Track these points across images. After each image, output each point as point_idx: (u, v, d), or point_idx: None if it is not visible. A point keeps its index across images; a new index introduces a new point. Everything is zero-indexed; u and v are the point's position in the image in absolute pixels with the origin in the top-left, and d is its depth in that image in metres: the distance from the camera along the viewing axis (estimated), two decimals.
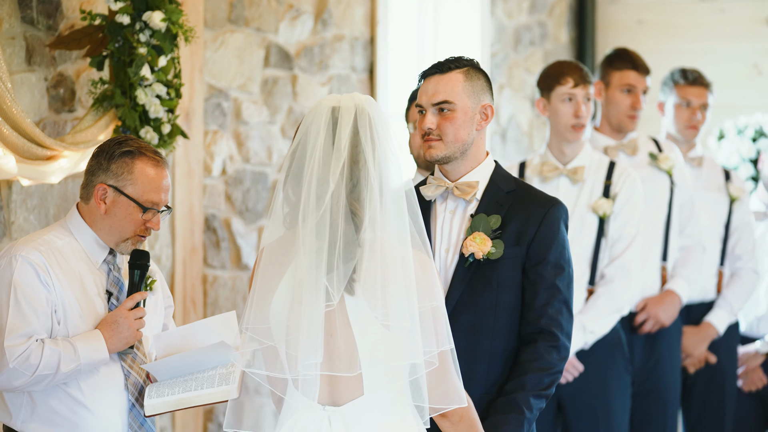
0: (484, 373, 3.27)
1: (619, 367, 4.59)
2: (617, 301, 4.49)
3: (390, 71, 6.07)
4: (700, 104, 5.18)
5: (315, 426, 2.82)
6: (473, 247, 3.27)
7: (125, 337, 3.25)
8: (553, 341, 3.26)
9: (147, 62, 4.02)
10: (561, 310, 3.28)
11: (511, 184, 3.36)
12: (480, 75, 3.37)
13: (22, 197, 3.96)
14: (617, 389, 4.59)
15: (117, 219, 3.29)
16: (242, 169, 5.24)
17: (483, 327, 3.27)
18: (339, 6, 5.76)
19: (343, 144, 2.80)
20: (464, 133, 3.31)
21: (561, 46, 7.64)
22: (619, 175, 4.56)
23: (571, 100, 4.53)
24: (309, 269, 2.78)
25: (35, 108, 4.01)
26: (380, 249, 2.79)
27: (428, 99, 3.33)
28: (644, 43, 7.36)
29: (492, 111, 3.36)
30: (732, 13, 7.31)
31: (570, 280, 3.33)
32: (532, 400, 3.22)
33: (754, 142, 5.92)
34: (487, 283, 3.28)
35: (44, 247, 3.24)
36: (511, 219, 3.30)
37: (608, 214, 4.51)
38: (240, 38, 5.17)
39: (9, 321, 3.14)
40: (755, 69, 7.08)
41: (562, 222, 3.33)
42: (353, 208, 2.79)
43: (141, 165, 3.28)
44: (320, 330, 2.77)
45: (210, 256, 5.08)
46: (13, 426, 3.26)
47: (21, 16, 3.92)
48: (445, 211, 3.37)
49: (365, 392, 2.81)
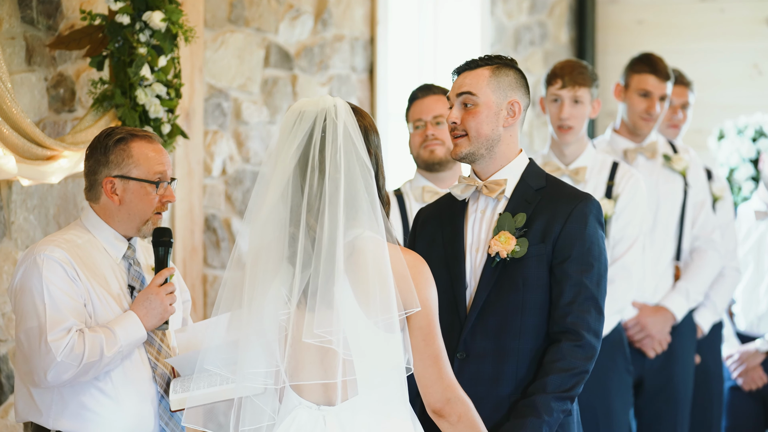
0: (513, 373, 3.21)
1: (620, 367, 4.59)
2: (618, 302, 4.49)
3: (390, 71, 6.07)
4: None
5: (310, 426, 2.82)
6: (498, 247, 3.22)
7: (159, 313, 3.31)
8: (577, 340, 3.19)
9: (147, 62, 4.02)
10: (588, 309, 3.21)
11: (541, 181, 3.31)
12: (510, 71, 3.32)
13: (22, 197, 3.96)
14: (618, 390, 4.58)
15: (133, 205, 3.34)
16: (242, 169, 5.24)
17: (510, 327, 3.22)
18: (339, 6, 5.76)
19: (291, 152, 2.80)
20: (487, 128, 3.27)
21: (561, 46, 7.64)
22: (621, 175, 4.55)
23: (557, 101, 4.53)
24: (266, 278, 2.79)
25: (35, 108, 4.01)
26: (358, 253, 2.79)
27: (454, 90, 3.31)
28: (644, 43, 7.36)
29: (520, 107, 3.30)
30: (732, 13, 7.31)
31: (600, 277, 3.24)
32: (553, 403, 3.14)
33: (754, 142, 5.92)
34: (513, 282, 3.23)
35: (66, 245, 3.29)
36: (539, 216, 3.25)
37: (610, 215, 4.51)
38: (240, 38, 5.17)
39: (48, 317, 3.18)
40: (755, 69, 7.08)
41: (592, 217, 3.25)
42: (303, 217, 2.79)
43: (137, 146, 3.34)
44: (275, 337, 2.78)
45: (210, 256, 5.08)
46: (44, 424, 3.29)
47: (21, 16, 3.92)
48: (476, 211, 3.33)
49: (360, 392, 2.82)
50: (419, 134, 4.32)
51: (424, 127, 4.31)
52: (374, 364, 2.81)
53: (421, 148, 4.33)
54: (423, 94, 4.35)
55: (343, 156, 2.80)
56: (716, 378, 5.24)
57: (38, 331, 3.18)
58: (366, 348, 2.80)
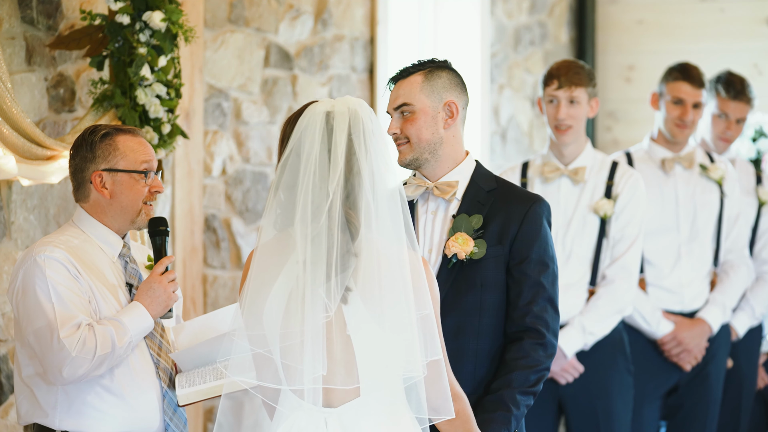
0: (471, 373, 3.25)
1: (620, 368, 4.59)
2: (618, 302, 4.49)
3: (390, 71, 6.07)
4: (737, 118, 5.22)
5: (312, 428, 2.81)
6: (456, 248, 3.25)
7: (163, 301, 3.33)
8: (539, 339, 3.25)
9: (147, 62, 4.02)
10: (546, 308, 3.27)
11: (491, 183, 3.34)
12: (443, 73, 3.32)
13: (22, 197, 3.96)
14: (619, 390, 4.58)
15: (123, 197, 3.36)
16: (242, 169, 5.24)
17: (468, 328, 3.26)
18: (339, 6, 5.76)
19: (339, 152, 2.78)
20: (427, 132, 3.30)
21: (561, 46, 7.64)
22: (621, 175, 4.56)
23: (553, 102, 4.53)
24: (306, 279, 2.76)
25: (35, 108, 4.01)
26: (377, 255, 2.78)
27: (391, 104, 3.36)
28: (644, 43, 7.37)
29: (458, 107, 3.31)
30: (732, 13, 7.31)
31: (555, 277, 3.31)
32: (519, 397, 3.21)
33: (754, 142, 5.92)
34: (471, 283, 3.26)
35: (64, 245, 3.30)
36: (493, 218, 3.28)
37: (609, 214, 4.51)
38: (240, 38, 5.17)
39: (57, 315, 3.20)
40: (755, 69, 7.08)
41: (545, 218, 3.30)
42: (349, 216, 2.77)
43: (122, 139, 3.36)
44: (322, 341, 2.76)
45: (210, 256, 5.08)
46: (49, 425, 3.30)
47: (21, 16, 3.92)
48: (426, 212, 3.36)
49: (362, 394, 2.81)
50: None
51: None
52: (379, 365, 2.80)
53: None
54: None
55: (380, 157, 2.81)
56: (748, 382, 5.26)
57: (49, 330, 3.19)
58: (372, 349, 2.79)
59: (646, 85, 5.37)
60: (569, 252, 4.51)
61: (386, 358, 2.79)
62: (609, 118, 7.46)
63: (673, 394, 4.99)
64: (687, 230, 4.91)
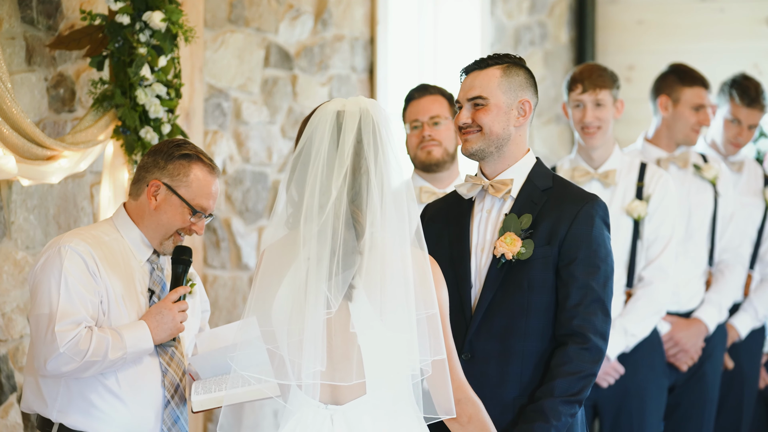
0: (518, 375, 3.19)
1: (657, 369, 4.57)
2: (657, 303, 4.49)
3: (390, 71, 6.07)
4: (749, 125, 5.23)
5: (317, 425, 2.82)
6: (503, 248, 3.21)
7: (169, 328, 3.33)
8: (584, 343, 3.16)
9: (147, 62, 4.02)
10: (595, 311, 3.18)
11: (548, 182, 3.29)
12: (520, 71, 3.30)
13: (22, 197, 3.97)
14: (654, 392, 4.57)
15: (165, 216, 3.38)
16: (242, 169, 5.24)
17: (515, 329, 3.20)
18: (339, 6, 5.76)
19: (346, 151, 2.79)
20: (499, 126, 3.26)
21: (561, 46, 7.64)
22: (651, 176, 4.55)
23: (579, 106, 4.54)
24: (309, 276, 2.77)
25: (35, 108, 4.01)
26: (381, 254, 2.78)
27: (464, 94, 3.29)
28: (644, 43, 7.37)
29: (530, 107, 3.30)
30: (732, 13, 7.31)
31: (607, 279, 3.22)
32: (561, 407, 3.12)
33: (754, 143, 5.92)
34: (518, 284, 3.21)
35: (92, 240, 3.32)
36: (545, 218, 3.23)
37: (643, 216, 4.51)
38: (240, 38, 5.17)
39: (60, 307, 3.21)
40: (755, 69, 7.08)
41: (598, 218, 3.23)
42: (355, 215, 2.78)
43: (197, 169, 3.38)
44: (322, 337, 2.77)
45: (210, 256, 5.08)
46: (48, 416, 3.32)
47: (21, 16, 3.92)
48: (482, 210, 3.32)
49: (367, 391, 2.81)
50: (416, 135, 4.31)
51: (420, 128, 4.30)
52: (384, 363, 2.80)
53: (418, 149, 4.32)
54: (419, 94, 4.33)
55: (389, 156, 2.81)
56: (750, 383, 5.26)
57: (47, 319, 3.21)
58: (376, 347, 2.80)
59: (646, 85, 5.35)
60: None
61: (391, 355, 2.80)
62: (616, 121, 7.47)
63: (670, 393, 4.99)
64: (682, 231, 4.91)
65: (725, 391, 5.18)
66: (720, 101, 5.27)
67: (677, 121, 4.94)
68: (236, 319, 5.06)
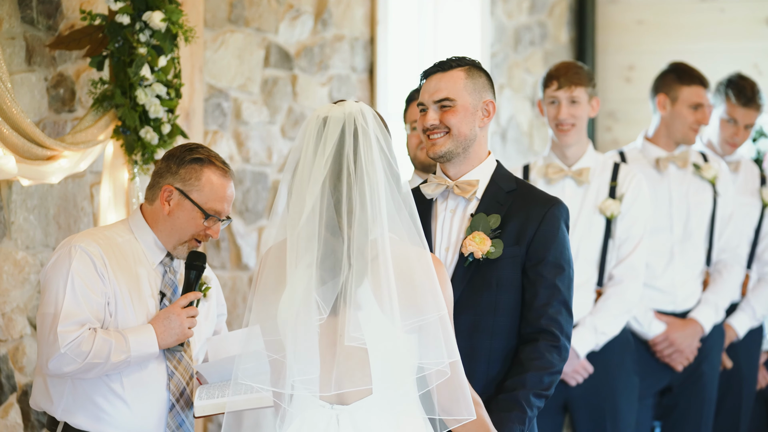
0: (484, 372, 3.26)
1: (627, 368, 4.59)
2: (627, 302, 4.49)
3: (390, 71, 6.07)
4: (745, 124, 5.23)
5: (323, 424, 2.83)
6: (472, 247, 3.26)
7: (176, 334, 3.33)
8: (554, 341, 3.25)
9: (147, 62, 4.02)
10: (561, 311, 3.28)
11: (512, 184, 3.35)
12: (482, 73, 3.37)
13: (22, 197, 3.97)
14: (625, 390, 4.58)
15: (179, 221, 3.37)
16: (242, 169, 5.24)
17: (482, 327, 3.26)
18: (339, 6, 5.76)
19: (325, 158, 2.79)
20: (466, 127, 3.30)
21: (561, 46, 7.64)
22: (624, 175, 4.56)
23: (554, 103, 4.53)
24: (300, 282, 2.78)
25: (35, 108, 4.01)
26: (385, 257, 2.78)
27: (430, 96, 3.32)
28: (644, 43, 7.37)
29: (494, 107, 3.36)
30: (732, 13, 7.31)
31: (570, 280, 3.32)
32: (533, 399, 3.21)
33: (754, 143, 5.92)
34: (487, 282, 3.27)
35: (104, 241, 3.33)
36: (512, 218, 3.29)
37: (616, 214, 4.51)
38: (240, 38, 5.17)
39: (64, 307, 3.22)
40: (755, 69, 7.08)
41: (563, 221, 3.31)
42: (337, 221, 2.79)
43: (209, 173, 3.38)
44: (315, 344, 2.77)
45: (210, 256, 5.08)
46: (53, 413, 3.34)
47: (21, 16, 3.92)
48: (445, 210, 3.36)
49: (373, 391, 2.82)
50: (416, 135, 4.32)
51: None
52: (390, 364, 2.81)
53: (417, 149, 4.33)
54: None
55: (376, 161, 2.80)
56: (748, 382, 5.26)
57: (51, 319, 3.22)
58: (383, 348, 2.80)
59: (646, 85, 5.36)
60: (576, 253, 4.51)
61: (398, 357, 2.80)
62: (609, 118, 7.46)
63: (667, 394, 4.99)
64: (680, 230, 4.91)
65: (723, 391, 5.18)
66: (716, 101, 5.28)
67: (675, 119, 4.94)
68: (236, 318, 5.06)
